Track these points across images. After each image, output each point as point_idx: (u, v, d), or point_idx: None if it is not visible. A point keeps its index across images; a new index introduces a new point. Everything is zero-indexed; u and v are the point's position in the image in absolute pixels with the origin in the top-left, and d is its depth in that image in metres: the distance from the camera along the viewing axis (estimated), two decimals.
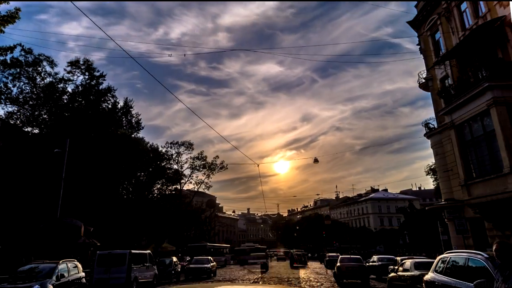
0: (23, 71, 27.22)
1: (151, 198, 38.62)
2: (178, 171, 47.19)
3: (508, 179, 13.43)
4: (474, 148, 15.70)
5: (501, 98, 14.00)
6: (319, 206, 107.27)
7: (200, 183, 49.66)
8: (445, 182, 19.46)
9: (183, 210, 44.90)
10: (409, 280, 11.76)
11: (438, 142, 20.03)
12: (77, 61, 30.21)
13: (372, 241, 64.54)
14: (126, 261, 15.19)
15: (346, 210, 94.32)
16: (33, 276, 11.21)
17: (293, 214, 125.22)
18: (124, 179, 33.31)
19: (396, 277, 13.38)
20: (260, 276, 23.57)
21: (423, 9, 21.95)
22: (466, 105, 15.67)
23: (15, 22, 16.85)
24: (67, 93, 30.35)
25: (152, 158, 37.94)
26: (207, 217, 57.15)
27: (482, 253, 6.71)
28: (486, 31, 15.97)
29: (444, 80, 20.53)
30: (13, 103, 27.45)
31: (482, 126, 15.03)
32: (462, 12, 18.95)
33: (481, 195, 15.00)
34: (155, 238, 39.55)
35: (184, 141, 49.16)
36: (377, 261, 23.67)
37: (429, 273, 8.57)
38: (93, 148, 27.16)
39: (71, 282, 12.18)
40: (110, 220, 27.93)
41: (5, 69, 26.26)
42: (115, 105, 32.95)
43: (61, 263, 12.18)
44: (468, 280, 6.42)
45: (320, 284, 18.96)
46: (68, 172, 21.27)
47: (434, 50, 21.66)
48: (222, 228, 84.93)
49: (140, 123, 35.82)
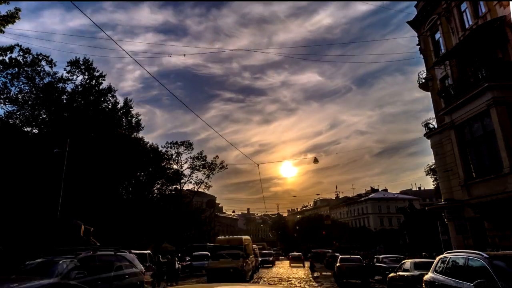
0: (22, 71, 27.20)
1: (151, 198, 38.63)
2: (178, 171, 47.18)
3: (508, 179, 13.43)
4: (474, 148, 15.70)
5: (501, 98, 14.01)
6: (319, 206, 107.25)
7: (200, 183, 49.69)
8: (445, 182, 19.46)
9: (183, 210, 44.90)
10: (410, 278, 11.75)
11: (438, 142, 20.03)
12: (76, 61, 30.21)
13: (372, 241, 64.50)
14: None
15: (346, 210, 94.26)
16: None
17: (293, 214, 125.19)
18: (124, 179, 33.32)
19: (396, 277, 13.39)
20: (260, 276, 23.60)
21: (423, 9, 21.95)
22: (466, 105, 15.67)
23: (15, 22, 16.81)
24: (66, 93, 30.34)
25: (152, 158, 37.95)
26: (207, 217, 57.12)
27: (482, 253, 6.70)
28: (486, 31, 15.97)
29: (444, 80, 20.53)
30: (12, 103, 27.42)
31: (482, 126, 15.04)
32: (462, 12, 18.95)
33: (481, 195, 15.01)
34: (155, 238, 39.52)
35: (184, 141, 49.05)
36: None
37: (429, 273, 8.56)
38: (93, 148, 27.14)
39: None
40: (110, 220, 27.91)
41: (4, 69, 26.25)
42: (115, 105, 32.95)
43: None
44: (468, 280, 6.41)
45: (320, 284, 18.96)
46: (68, 172, 21.27)
47: (434, 50, 21.66)
48: (222, 228, 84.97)
49: (140, 123, 35.83)
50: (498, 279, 5.72)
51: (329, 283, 19.40)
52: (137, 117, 35.55)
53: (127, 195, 35.02)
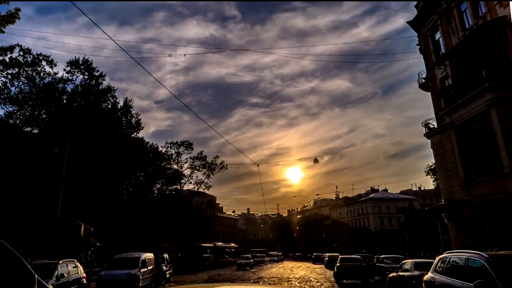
0: (22, 71, 27.21)
1: (151, 198, 38.60)
2: (178, 171, 47.14)
3: (508, 179, 13.43)
4: (474, 148, 15.70)
5: (501, 98, 14.00)
6: (319, 206, 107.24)
7: (200, 183, 49.67)
8: (445, 182, 19.46)
9: (183, 210, 44.86)
10: (411, 280, 11.74)
11: (438, 142, 20.02)
12: (76, 61, 30.22)
13: (372, 241, 64.50)
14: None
15: (346, 210, 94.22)
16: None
17: (293, 214, 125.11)
18: (124, 179, 33.32)
19: (396, 277, 13.40)
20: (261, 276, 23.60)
21: (423, 9, 21.95)
22: (466, 105, 15.67)
23: (15, 22, 16.81)
24: (66, 93, 30.35)
25: (152, 158, 37.93)
26: (207, 217, 57.10)
27: (482, 253, 6.69)
28: (486, 31, 15.97)
29: (444, 80, 20.52)
30: (12, 103, 27.43)
31: (482, 126, 15.04)
32: (462, 12, 18.95)
33: (481, 195, 15.00)
34: (155, 238, 39.51)
35: (184, 141, 48.96)
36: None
37: (429, 273, 8.56)
38: (93, 148, 27.15)
39: (71, 282, 12.16)
40: (110, 220, 27.91)
41: (4, 69, 26.26)
42: (115, 105, 32.95)
43: (61, 263, 12.16)
44: (468, 280, 6.41)
45: (320, 284, 18.95)
46: (68, 172, 21.27)
47: (434, 50, 21.66)
48: (222, 228, 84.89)
49: (140, 123, 35.82)
50: (498, 279, 5.71)
51: (329, 283, 19.40)
52: (137, 117, 35.58)
53: (127, 195, 35.02)
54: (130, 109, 34.76)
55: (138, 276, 15.04)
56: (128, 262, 15.75)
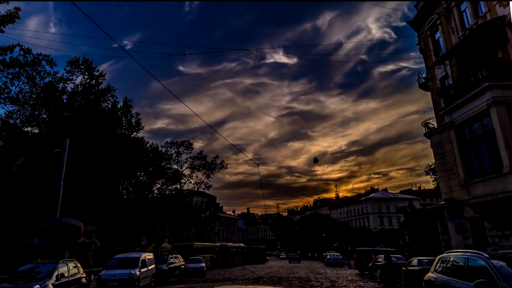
0: (22, 71, 27.17)
1: (151, 198, 38.56)
2: (178, 171, 47.11)
3: (508, 179, 13.43)
4: (474, 148, 15.70)
5: (501, 98, 14.00)
6: (319, 206, 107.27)
7: (200, 183, 49.69)
8: (445, 182, 19.46)
9: (183, 210, 44.86)
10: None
11: (438, 142, 20.03)
12: (76, 61, 30.16)
13: (372, 241, 64.50)
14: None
15: (346, 210, 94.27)
16: (32, 276, 11.20)
17: (293, 214, 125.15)
18: (124, 179, 33.28)
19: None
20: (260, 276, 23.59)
21: (423, 9, 21.95)
22: (466, 105, 15.66)
23: (15, 21, 16.79)
24: (66, 93, 30.30)
25: (152, 158, 37.88)
26: (207, 217, 57.12)
27: (482, 253, 6.70)
28: (486, 31, 15.97)
29: (444, 80, 20.53)
30: (12, 102, 27.38)
31: (482, 126, 15.03)
32: (462, 12, 18.95)
33: (481, 195, 15.00)
34: (155, 238, 39.48)
35: (184, 141, 48.94)
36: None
37: (429, 273, 8.57)
38: (93, 148, 27.13)
39: (71, 282, 12.17)
40: (110, 220, 27.90)
41: (4, 69, 26.22)
42: (115, 105, 32.86)
43: (61, 263, 12.17)
44: (468, 280, 6.42)
45: (320, 284, 18.97)
46: (68, 172, 21.24)
47: (434, 50, 21.66)
48: (222, 228, 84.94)
49: (140, 123, 35.73)
50: (498, 279, 5.72)
51: (329, 282, 19.43)
52: (137, 116, 35.50)
53: (127, 195, 34.99)
54: (130, 109, 34.72)
55: (138, 276, 15.06)
56: (128, 262, 15.77)
